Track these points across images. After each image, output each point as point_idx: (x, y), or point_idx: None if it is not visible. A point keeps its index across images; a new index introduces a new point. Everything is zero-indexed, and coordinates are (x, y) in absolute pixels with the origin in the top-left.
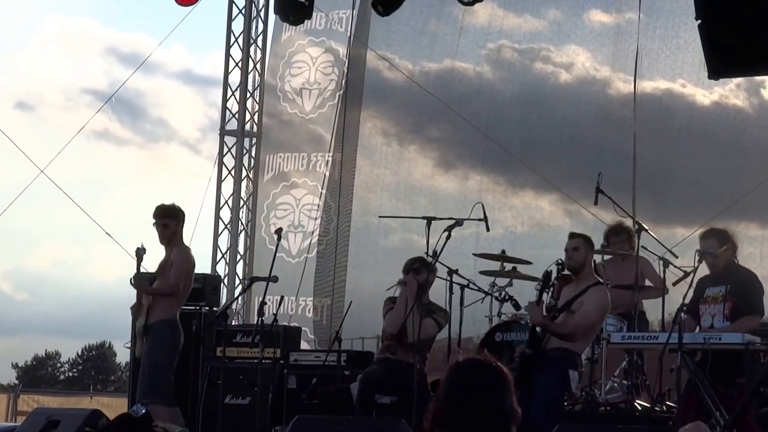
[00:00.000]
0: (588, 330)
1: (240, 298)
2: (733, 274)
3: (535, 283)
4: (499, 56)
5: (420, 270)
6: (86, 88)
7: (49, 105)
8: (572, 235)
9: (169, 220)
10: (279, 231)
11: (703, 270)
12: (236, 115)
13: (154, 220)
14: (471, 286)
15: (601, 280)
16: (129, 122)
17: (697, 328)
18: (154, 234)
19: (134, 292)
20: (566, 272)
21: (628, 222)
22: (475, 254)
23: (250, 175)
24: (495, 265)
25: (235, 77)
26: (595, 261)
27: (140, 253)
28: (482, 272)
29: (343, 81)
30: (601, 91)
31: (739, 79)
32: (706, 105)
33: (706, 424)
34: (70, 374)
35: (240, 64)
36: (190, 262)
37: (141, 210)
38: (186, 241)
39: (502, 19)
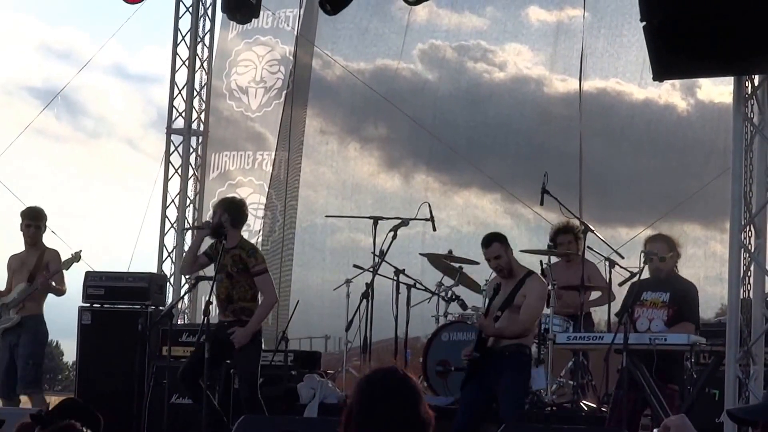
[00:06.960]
0: (536, 321)
1: (186, 298)
2: (676, 283)
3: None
4: (443, 55)
5: None
6: (21, 84)
7: None
8: (487, 243)
9: (40, 222)
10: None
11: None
12: (183, 114)
13: (28, 222)
14: (418, 285)
15: (530, 269)
16: (68, 119)
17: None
18: (102, 232)
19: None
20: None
21: (575, 222)
22: (422, 254)
23: (197, 174)
24: (442, 266)
25: (180, 75)
26: (542, 262)
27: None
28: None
29: (290, 79)
30: (543, 89)
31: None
32: (648, 105)
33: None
34: None
35: (187, 63)
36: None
37: (85, 207)
38: (132, 240)
39: (445, 18)
